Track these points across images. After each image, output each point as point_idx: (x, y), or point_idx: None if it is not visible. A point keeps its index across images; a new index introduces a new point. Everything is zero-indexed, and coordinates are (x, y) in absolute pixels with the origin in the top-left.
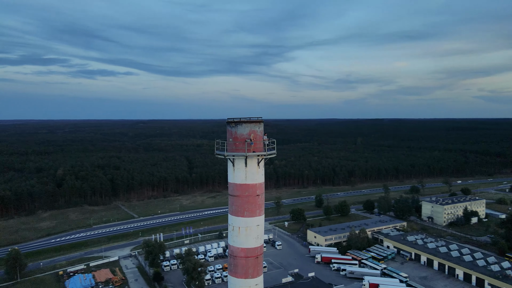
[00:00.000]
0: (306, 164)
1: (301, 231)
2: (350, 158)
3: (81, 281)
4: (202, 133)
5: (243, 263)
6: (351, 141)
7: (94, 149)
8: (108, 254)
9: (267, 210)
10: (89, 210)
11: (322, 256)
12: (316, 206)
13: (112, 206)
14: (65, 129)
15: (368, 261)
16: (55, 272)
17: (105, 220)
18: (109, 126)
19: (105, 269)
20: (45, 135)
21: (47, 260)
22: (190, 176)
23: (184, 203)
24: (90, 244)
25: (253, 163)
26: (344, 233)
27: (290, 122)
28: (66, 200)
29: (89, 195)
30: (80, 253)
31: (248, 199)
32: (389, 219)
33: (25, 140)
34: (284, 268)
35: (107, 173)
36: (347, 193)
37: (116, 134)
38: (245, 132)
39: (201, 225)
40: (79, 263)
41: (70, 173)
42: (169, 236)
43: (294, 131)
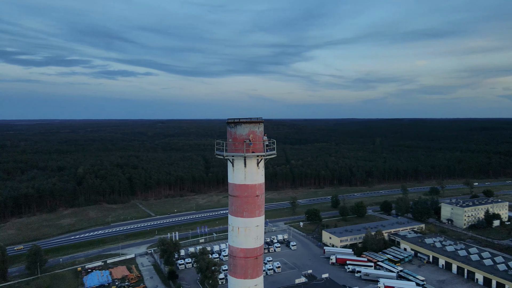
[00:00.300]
0: (323, 164)
1: (316, 231)
2: (368, 159)
3: (98, 277)
4: (219, 133)
5: (243, 264)
6: (370, 141)
7: (113, 149)
8: (125, 251)
9: (282, 210)
10: (107, 208)
11: (337, 257)
12: (332, 207)
13: (130, 205)
14: (86, 129)
15: (384, 263)
16: (74, 268)
17: (122, 218)
18: (129, 125)
19: (121, 266)
20: (67, 135)
21: (66, 257)
22: (207, 175)
23: (200, 202)
24: (108, 242)
25: (252, 164)
26: (360, 234)
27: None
28: (86, 198)
29: (108, 194)
30: (98, 250)
31: (248, 199)
32: (406, 221)
33: (48, 139)
34: (298, 268)
35: (126, 172)
36: (364, 194)
37: (136, 134)
38: (244, 132)
39: (216, 224)
40: (97, 260)
41: (90, 172)
42: (184, 235)
43: (312, 131)
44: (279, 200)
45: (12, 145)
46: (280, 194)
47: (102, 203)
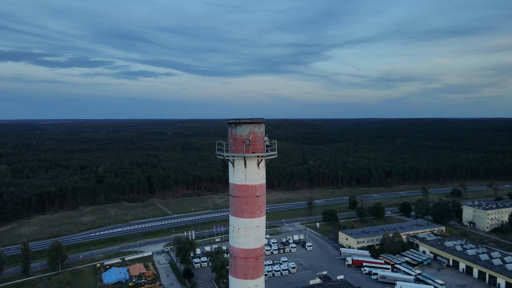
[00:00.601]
0: (341, 164)
1: (332, 232)
2: (388, 159)
3: (116, 274)
4: None
5: (243, 264)
6: (390, 142)
7: (134, 148)
8: (143, 249)
9: (299, 210)
10: (126, 206)
11: (353, 259)
12: (349, 208)
13: (149, 203)
14: (108, 128)
15: (401, 266)
16: (93, 265)
17: (141, 216)
18: (149, 125)
19: (139, 264)
20: (90, 134)
21: (86, 253)
22: (224, 175)
23: (217, 202)
24: (126, 239)
25: (252, 164)
26: (378, 236)
27: (327, 121)
28: (106, 196)
29: (127, 192)
30: (116, 247)
31: (248, 200)
32: (426, 223)
33: (72, 139)
34: (314, 269)
35: (145, 171)
36: (383, 195)
37: (156, 133)
38: (245, 133)
39: None
40: (115, 257)
41: (110, 171)
42: (201, 234)
43: (331, 131)
44: (296, 200)
45: (38, 144)
46: (297, 194)
47: (122, 201)
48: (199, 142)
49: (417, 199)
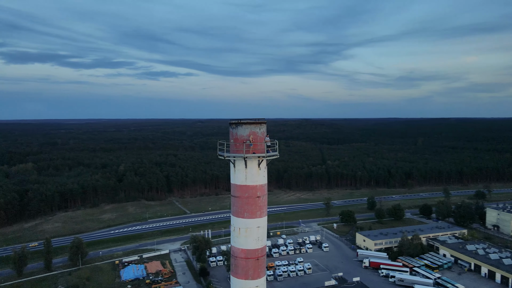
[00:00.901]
0: (360, 164)
1: (350, 233)
2: (408, 160)
3: (134, 271)
4: None
5: (243, 264)
6: (411, 142)
7: (154, 147)
8: (160, 247)
9: (316, 211)
10: (146, 205)
11: (370, 261)
12: (368, 209)
13: (167, 202)
14: (130, 128)
15: (420, 269)
16: (112, 261)
17: (159, 215)
18: (170, 125)
19: (156, 261)
20: (112, 133)
21: (106, 250)
22: None
23: None
24: (145, 237)
25: (253, 165)
26: (396, 238)
27: (347, 121)
28: (126, 194)
29: (146, 190)
30: (135, 244)
31: (248, 200)
32: (447, 226)
33: (95, 138)
34: (330, 271)
35: (164, 170)
36: (402, 196)
37: (176, 133)
38: (245, 133)
39: None
40: (134, 254)
41: (130, 169)
42: (217, 233)
43: (351, 131)
44: (313, 200)
45: (62, 143)
46: (315, 194)
47: (141, 199)
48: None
49: (439, 201)
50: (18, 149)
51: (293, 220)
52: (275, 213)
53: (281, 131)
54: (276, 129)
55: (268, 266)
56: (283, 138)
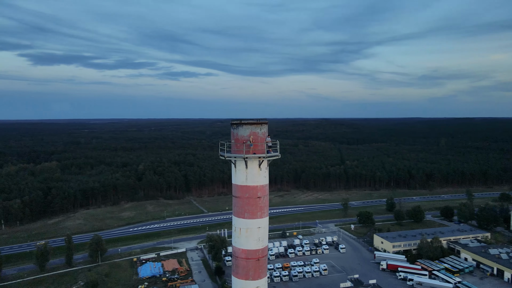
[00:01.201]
0: (379, 165)
1: (368, 235)
2: (430, 160)
3: (151, 268)
4: (276, 132)
5: (244, 265)
6: (434, 142)
7: (173, 146)
8: (177, 245)
9: (333, 211)
10: (164, 203)
11: (388, 263)
12: (387, 210)
13: (185, 201)
14: (151, 128)
15: (440, 273)
16: (130, 259)
17: (177, 214)
18: (190, 124)
19: (173, 259)
20: (133, 133)
21: (124, 247)
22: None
23: None
24: (162, 235)
25: (254, 165)
26: (415, 240)
27: (368, 121)
28: (145, 193)
29: (165, 189)
30: (153, 242)
31: (249, 200)
32: (469, 229)
33: (117, 137)
34: (346, 272)
35: (182, 169)
36: (423, 198)
37: (195, 133)
38: (246, 133)
39: None
40: (151, 252)
41: (149, 168)
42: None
43: (371, 131)
44: (331, 201)
45: (85, 142)
46: (332, 195)
47: (160, 198)
48: None
49: (461, 203)
50: (43, 148)
51: (310, 220)
52: (292, 213)
53: (300, 131)
54: (295, 129)
55: (283, 266)
56: (302, 138)
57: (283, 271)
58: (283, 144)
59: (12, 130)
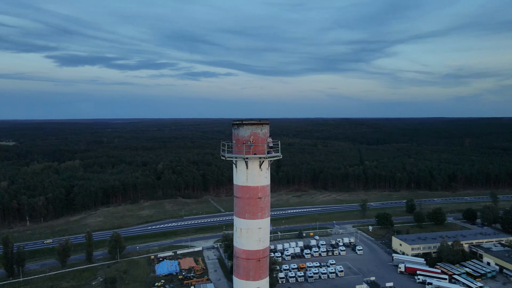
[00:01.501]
0: (400, 166)
1: (386, 237)
2: (453, 161)
3: (168, 266)
4: (295, 132)
5: (245, 265)
6: (457, 142)
7: (192, 146)
8: (194, 244)
9: (351, 212)
10: (182, 202)
11: (406, 266)
12: (406, 212)
13: (203, 200)
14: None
15: (461, 277)
16: (148, 256)
17: (194, 213)
18: (209, 124)
19: (189, 258)
20: (154, 132)
21: (142, 245)
22: (277, 174)
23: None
24: (180, 234)
25: (254, 166)
26: (435, 243)
27: (389, 121)
28: (164, 192)
29: (183, 188)
30: (170, 241)
31: (249, 201)
32: (493, 232)
33: (138, 137)
34: (363, 274)
35: (200, 168)
36: (445, 200)
37: (214, 132)
38: (246, 134)
39: (282, 224)
40: (168, 250)
41: (168, 168)
42: None
43: (392, 131)
44: (349, 201)
45: (108, 141)
46: (351, 195)
47: (178, 197)
48: None
49: (485, 205)
50: (67, 147)
51: (327, 221)
52: (309, 214)
53: (320, 130)
54: (314, 128)
55: (299, 267)
56: (321, 138)
57: (299, 272)
58: (302, 144)
59: (39, 130)
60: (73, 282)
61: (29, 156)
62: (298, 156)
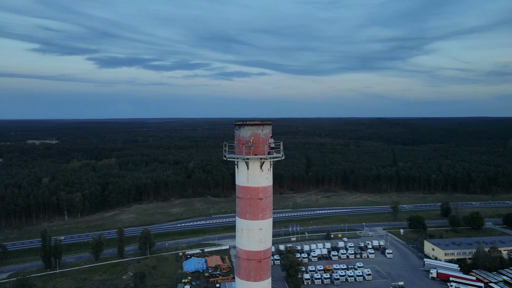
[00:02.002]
0: (436, 167)
1: (418, 241)
2: (494, 163)
3: (195, 263)
4: (328, 132)
5: (246, 266)
6: (500, 143)
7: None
8: (221, 242)
9: (382, 214)
10: (211, 201)
11: (438, 272)
12: (441, 215)
13: (232, 199)
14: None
15: (497, 285)
16: (176, 253)
17: (223, 211)
18: None
19: (216, 256)
20: (187, 132)
21: (171, 242)
22: (307, 174)
23: (298, 201)
24: (208, 232)
25: (255, 166)
26: (471, 249)
27: (427, 120)
28: (194, 190)
29: (213, 187)
30: (198, 238)
31: (250, 202)
32: None
33: (171, 136)
34: (392, 279)
35: (230, 167)
36: (484, 204)
37: None
38: (247, 135)
39: (310, 224)
40: (196, 247)
41: (198, 166)
42: (276, 232)
43: (429, 131)
44: (380, 203)
45: (142, 140)
46: (382, 197)
47: (207, 195)
48: (287, 141)
49: None
50: (105, 146)
51: (357, 223)
52: (338, 215)
53: (353, 130)
54: (347, 128)
55: (325, 268)
56: (354, 138)
57: (325, 274)
58: (334, 144)
59: (80, 129)
60: (105, 275)
61: (69, 154)
62: (329, 156)
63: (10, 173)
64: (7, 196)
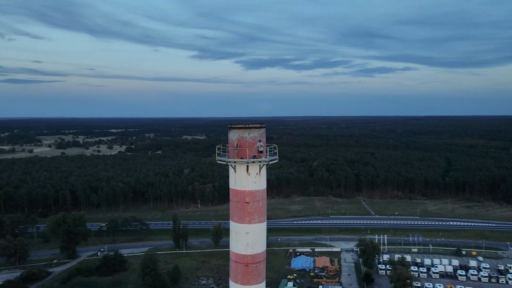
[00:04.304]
0: None
1: None
2: None
3: (303, 262)
4: (483, 132)
5: (234, 267)
6: None
7: (355, 145)
8: (333, 244)
9: None
10: (332, 201)
11: None
12: None
13: (354, 200)
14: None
15: None
16: (287, 249)
17: (342, 212)
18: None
19: (325, 257)
20: (322, 130)
21: (284, 237)
22: (443, 179)
23: (429, 209)
24: (322, 232)
25: (241, 170)
26: None
27: None
28: (315, 189)
29: (335, 187)
30: (311, 237)
31: (237, 205)
32: None
33: (305, 134)
34: None
35: (355, 168)
36: None
37: (384, 131)
38: (234, 137)
39: (438, 236)
40: (308, 246)
41: (322, 165)
42: (395, 240)
43: None
44: None
45: (277, 137)
46: None
47: (329, 195)
48: (429, 141)
49: None
50: None
51: (500, 241)
52: (476, 229)
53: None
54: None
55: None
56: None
57: None
58: (488, 146)
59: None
60: (221, 261)
61: (211, 148)
62: (477, 160)
63: (162, 163)
64: (156, 183)
